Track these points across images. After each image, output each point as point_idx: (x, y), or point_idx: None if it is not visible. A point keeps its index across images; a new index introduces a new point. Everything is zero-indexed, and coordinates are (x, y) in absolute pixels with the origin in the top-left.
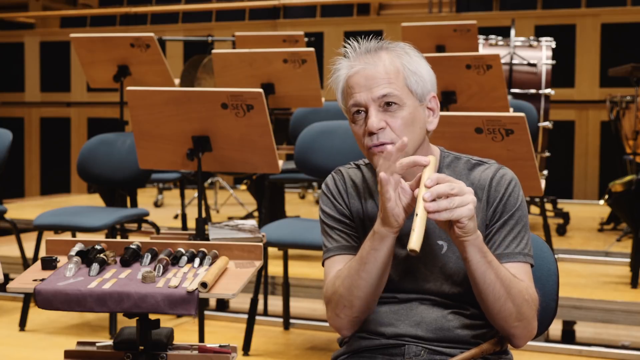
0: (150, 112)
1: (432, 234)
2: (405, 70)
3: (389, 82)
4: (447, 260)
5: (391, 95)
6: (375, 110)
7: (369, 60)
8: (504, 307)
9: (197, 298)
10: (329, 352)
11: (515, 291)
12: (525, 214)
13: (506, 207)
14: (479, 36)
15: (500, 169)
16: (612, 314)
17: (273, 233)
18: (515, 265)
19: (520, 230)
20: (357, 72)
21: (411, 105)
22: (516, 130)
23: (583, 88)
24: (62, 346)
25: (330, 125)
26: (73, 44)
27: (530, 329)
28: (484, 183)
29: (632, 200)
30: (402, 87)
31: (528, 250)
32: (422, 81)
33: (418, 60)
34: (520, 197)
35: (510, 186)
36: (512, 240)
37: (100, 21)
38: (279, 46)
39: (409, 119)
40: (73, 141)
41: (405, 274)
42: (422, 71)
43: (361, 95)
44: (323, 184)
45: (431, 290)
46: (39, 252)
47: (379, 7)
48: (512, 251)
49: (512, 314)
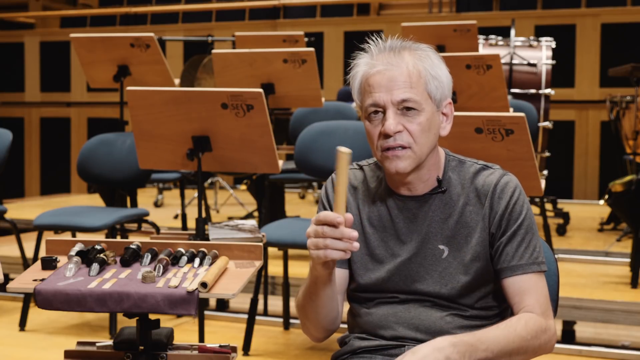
0: (150, 112)
1: (433, 238)
2: (426, 75)
3: (410, 86)
4: (447, 265)
5: (411, 100)
6: (393, 112)
7: (392, 60)
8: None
9: (197, 298)
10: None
11: (517, 346)
12: (532, 221)
13: (512, 216)
14: (479, 36)
15: (505, 175)
16: (612, 314)
17: (273, 233)
18: (527, 277)
19: (531, 239)
20: (378, 72)
21: (429, 110)
22: (516, 130)
23: (583, 88)
24: (62, 346)
25: (330, 125)
26: (73, 44)
27: (546, 347)
28: (488, 189)
29: (632, 200)
30: (422, 92)
31: (541, 258)
32: (442, 87)
33: (439, 64)
34: (525, 205)
35: (515, 194)
36: (524, 251)
37: (100, 21)
38: (279, 46)
39: (426, 125)
40: (73, 141)
41: (405, 276)
42: (442, 76)
43: (381, 96)
44: (323, 187)
45: (430, 292)
46: (39, 252)
47: (379, 7)
48: (525, 262)
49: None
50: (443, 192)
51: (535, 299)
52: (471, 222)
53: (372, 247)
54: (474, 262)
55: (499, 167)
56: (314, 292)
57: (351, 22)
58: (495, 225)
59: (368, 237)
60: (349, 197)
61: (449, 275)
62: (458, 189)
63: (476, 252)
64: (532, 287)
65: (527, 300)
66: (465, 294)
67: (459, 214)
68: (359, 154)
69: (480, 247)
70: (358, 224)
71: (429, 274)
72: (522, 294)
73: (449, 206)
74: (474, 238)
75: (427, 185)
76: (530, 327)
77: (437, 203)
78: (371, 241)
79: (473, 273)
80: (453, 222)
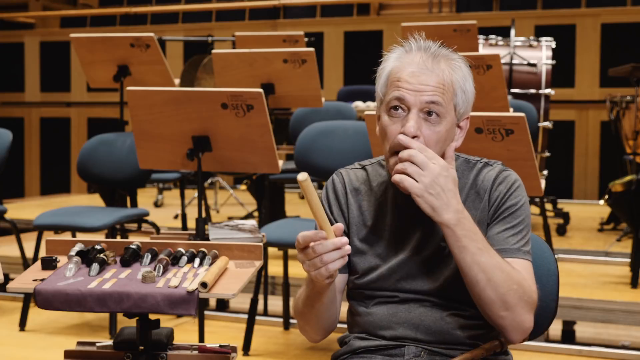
0: (150, 112)
1: (436, 235)
2: (456, 86)
3: (441, 92)
4: (449, 261)
5: (438, 104)
6: (416, 115)
7: (427, 64)
8: (483, 294)
9: (197, 298)
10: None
11: (498, 278)
12: (527, 215)
13: (506, 204)
14: (479, 36)
15: (504, 170)
16: (612, 314)
17: (273, 233)
18: (513, 260)
19: (522, 229)
20: (412, 70)
21: (450, 121)
22: (516, 130)
23: (583, 88)
24: (62, 346)
25: (330, 125)
26: (73, 44)
27: (520, 321)
28: (487, 184)
29: (632, 200)
30: (449, 102)
31: (528, 248)
32: (467, 101)
33: (469, 78)
34: (522, 198)
35: (513, 187)
36: (511, 236)
37: (100, 21)
38: (279, 46)
39: (443, 135)
40: (73, 141)
41: (406, 274)
42: (469, 91)
43: (409, 94)
44: (323, 188)
45: (431, 291)
46: (39, 252)
47: (379, 7)
48: (509, 247)
49: (495, 302)
50: None
51: (523, 275)
52: (473, 219)
53: (374, 245)
54: None
55: (500, 163)
56: (317, 300)
57: (351, 22)
58: (491, 213)
59: (370, 235)
60: (350, 198)
61: (450, 272)
62: (460, 188)
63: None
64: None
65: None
66: (465, 291)
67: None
68: (359, 154)
69: None
70: (360, 223)
71: (432, 272)
72: None
73: None
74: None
75: None
76: (523, 285)
77: None
78: (373, 239)
79: None
80: None
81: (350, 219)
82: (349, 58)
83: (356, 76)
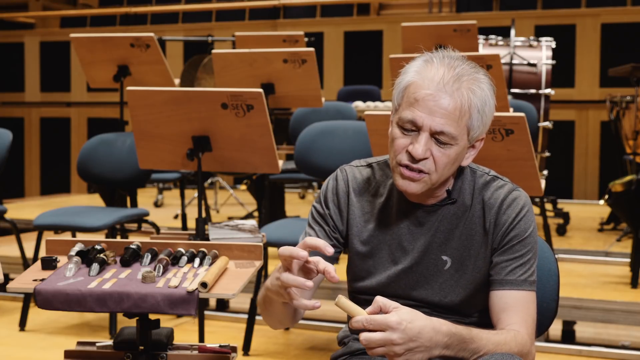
0: (150, 112)
1: (437, 248)
2: (473, 110)
3: (454, 120)
4: (448, 276)
5: (448, 135)
6: (426, 138)
7: (447, 85)
8: None
9: (197, 298)
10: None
11: (498, 356)
12: (535, 241)
13: (516, 232)
14: (479, 36)
15: (514, 190)
16: (612, 314)
17: (273, 233)
18: (517, 293)
19: (529, 258)
20: (429, 92)
21: (461, 145)
22: (516, 130)
23: (583, 88)
24: (62, 346)
25: (330, 125)
26: (73, 44)
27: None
28: (494, 203)
29: (632, 200)
30: (463, 127)
31: (533, 279)
32: (484, 124)
33: (490, 100)
34: (531, 224)
35: (523, 212)
36: (517, 267)
37: (100, 21)
38: (279, 46)
39: (453, 158)
40: (73, 141)
41: (405, 284)
42: (488, 114)
43: (422, 116)
44: (326, 181)
45: (429, 301)
46: (39, 252)
47: (379, 7)
48: (516, 279)
49: None
50: (453, 203)
51: (523, 318)
52: (476, 235)
53: (374, 251)
54: (476, 275)
55: (509, 181)
56: (272, 304)
57: (351, 22)
58: (497, 239)
59: (372, 238)
60: (352, 198)
61: (450, 287)
62: (467, 200)
63: (478, 266)
64: (520, 306)
65: (513, 317)
66: (465, 306)
67: (464, 226)
68: (359, 154)
69: (482, 262)
70: (362, 225)
71: (430, 285)
72: (509, 310)
73: (456, 217)
74: (478, 251)
75: (436, 198)
76: (519, 342)
77: (444, 213)
78: (373, 245)
79: (473, 287)
80: (459, 233)
81: (351, 220)
82: (349, 58)
83: (356, 76)
